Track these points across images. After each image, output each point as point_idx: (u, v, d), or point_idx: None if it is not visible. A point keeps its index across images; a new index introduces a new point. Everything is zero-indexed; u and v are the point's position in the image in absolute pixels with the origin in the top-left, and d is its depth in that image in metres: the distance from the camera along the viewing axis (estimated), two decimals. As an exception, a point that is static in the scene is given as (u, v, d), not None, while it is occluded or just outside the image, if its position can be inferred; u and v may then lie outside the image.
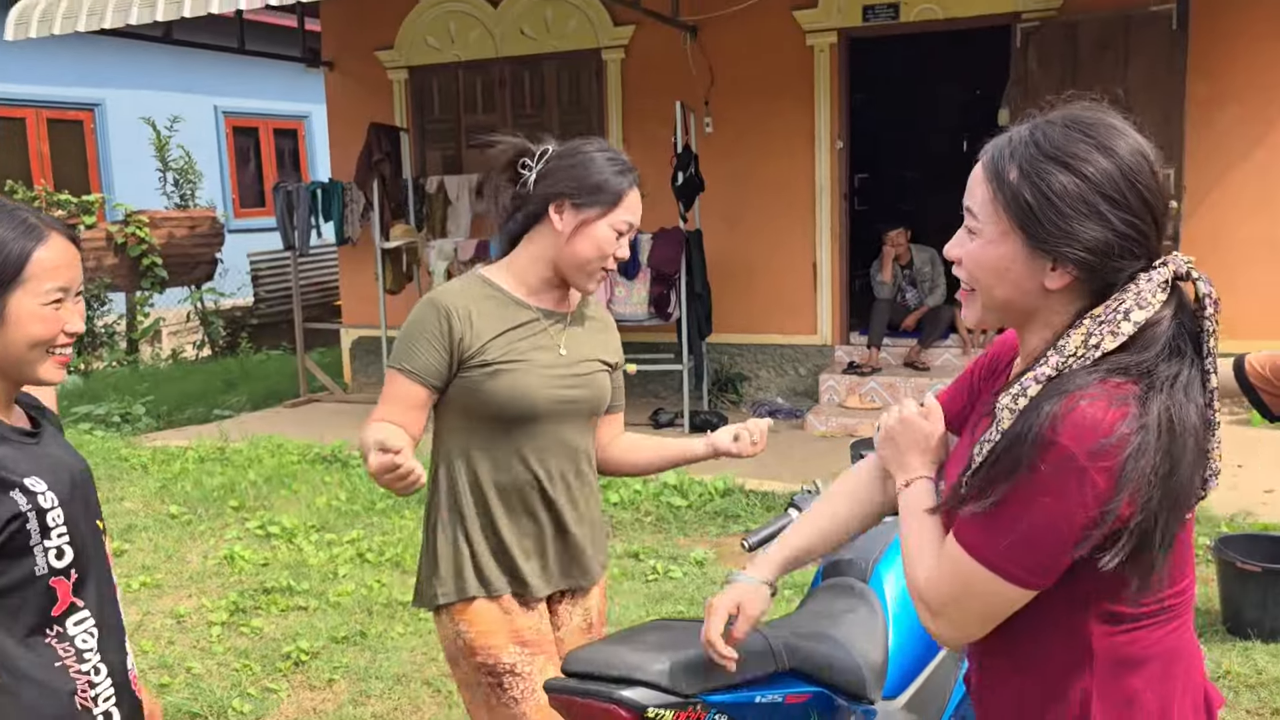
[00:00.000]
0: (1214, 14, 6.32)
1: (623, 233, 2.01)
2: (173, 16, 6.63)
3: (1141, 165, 1.22)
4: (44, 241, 1.48)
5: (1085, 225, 1.19)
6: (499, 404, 1.96)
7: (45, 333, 1.48)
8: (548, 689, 1.56)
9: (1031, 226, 1.22)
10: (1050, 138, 1.24)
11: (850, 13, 7.25)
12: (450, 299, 1.99)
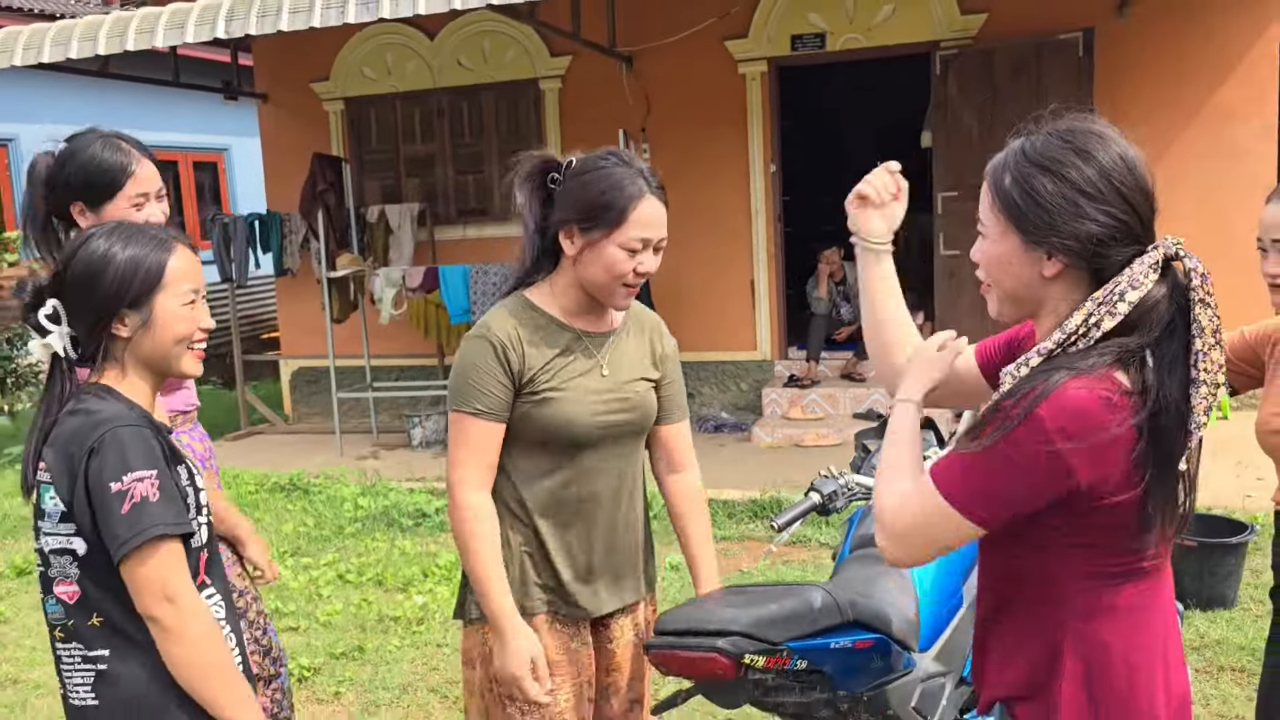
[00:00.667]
0: (1114, 43, 6.84)
1: (636, 250, 1.94)
2: (115, 50, 6.62)
3: (1118, 166, 1.38)
4: (174, 251, 1.70)
5: (1067, 219, 1.36)
6: (546, 431, 1.96)
7: (186, 330, 1.70)
8: (648, 647, 1.74)
9: (1023, 224, 1.40)
10: (1037, 147, 1.42)
11: (779, 42, 7.61)
12: (502, 331, 1.97)
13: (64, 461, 1.59)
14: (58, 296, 1.66)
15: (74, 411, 1.62)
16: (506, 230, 8.41)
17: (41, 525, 1.64)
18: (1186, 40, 6.78)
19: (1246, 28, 6.69)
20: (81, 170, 2.28)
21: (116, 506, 1.55)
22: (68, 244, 1.73)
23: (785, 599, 1.74)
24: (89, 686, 1.63)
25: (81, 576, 1.61)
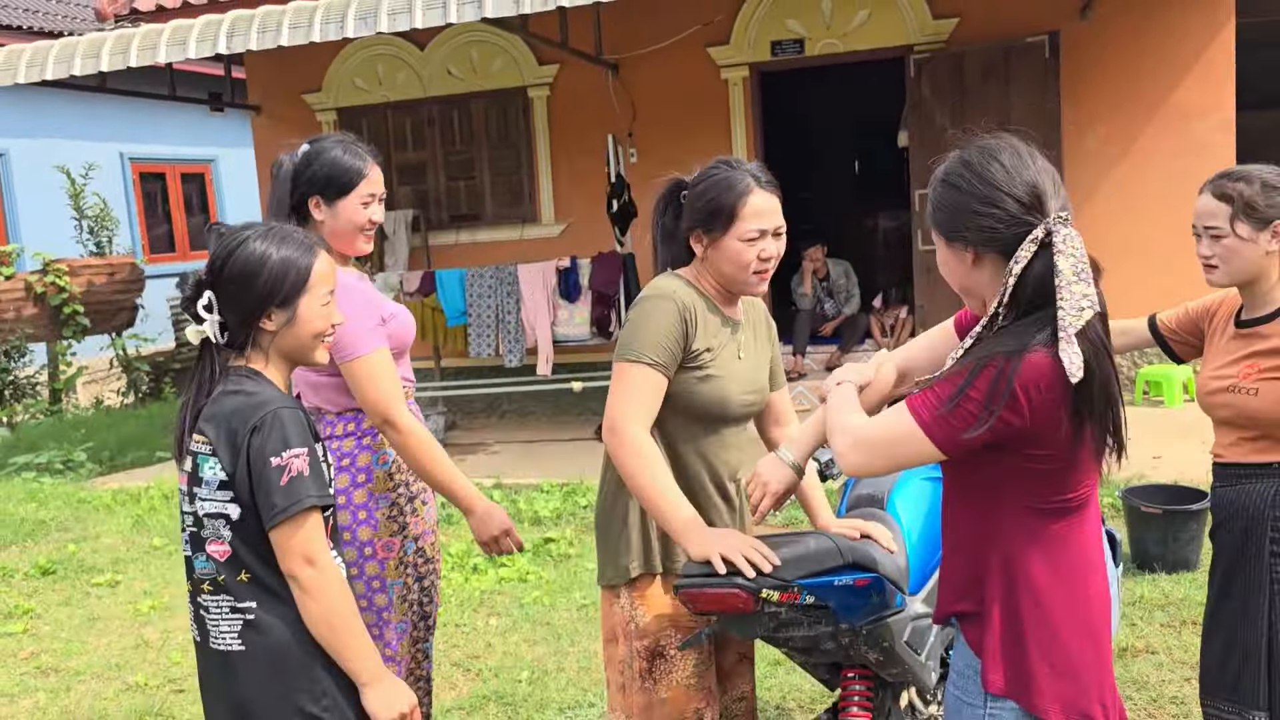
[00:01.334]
0: (1078, 44, 7.16)
1: (754, 239, 2.12)
2: (119, 67, 6.83)
3: (999, 171, 1.64)
4: (318, 256, 1.92)
5: (964, 219, 1.66)
6: (701, 406, 2.14)
7: (323, 326, 1.93)
8: (677, 588, 1.99)
9: (942, 228, 1.72)
10: (945, 168, 1.73)
11: (760, 48, 7.89)
12: (687, 298, 2.13)
13: (228, 436, 1.80)
14: (213, 289, 1.86)
15: (233, 391, 1.83)
16: (498, 234, 8.67)
17: (197, 491, 1.83)
18: (1146, 40, 7.10)
19: (1202, 27, 7.02)
20: (324, 169, 2.53)
21: (276, 478, 1.77)
22: (223, 241, 1.89)
23: (794, 544, 2.01)
24: (236, 634, 1.83)
25: (233, 538, 1.81)
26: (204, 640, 1.89)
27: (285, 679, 1.82)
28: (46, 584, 5.19)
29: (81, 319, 10.67)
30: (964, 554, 1.75)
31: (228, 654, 1.85)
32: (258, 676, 1.83)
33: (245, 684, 1.84)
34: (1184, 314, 2.50)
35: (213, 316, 1.85)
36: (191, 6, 8.35)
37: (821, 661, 2.30)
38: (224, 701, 1.88)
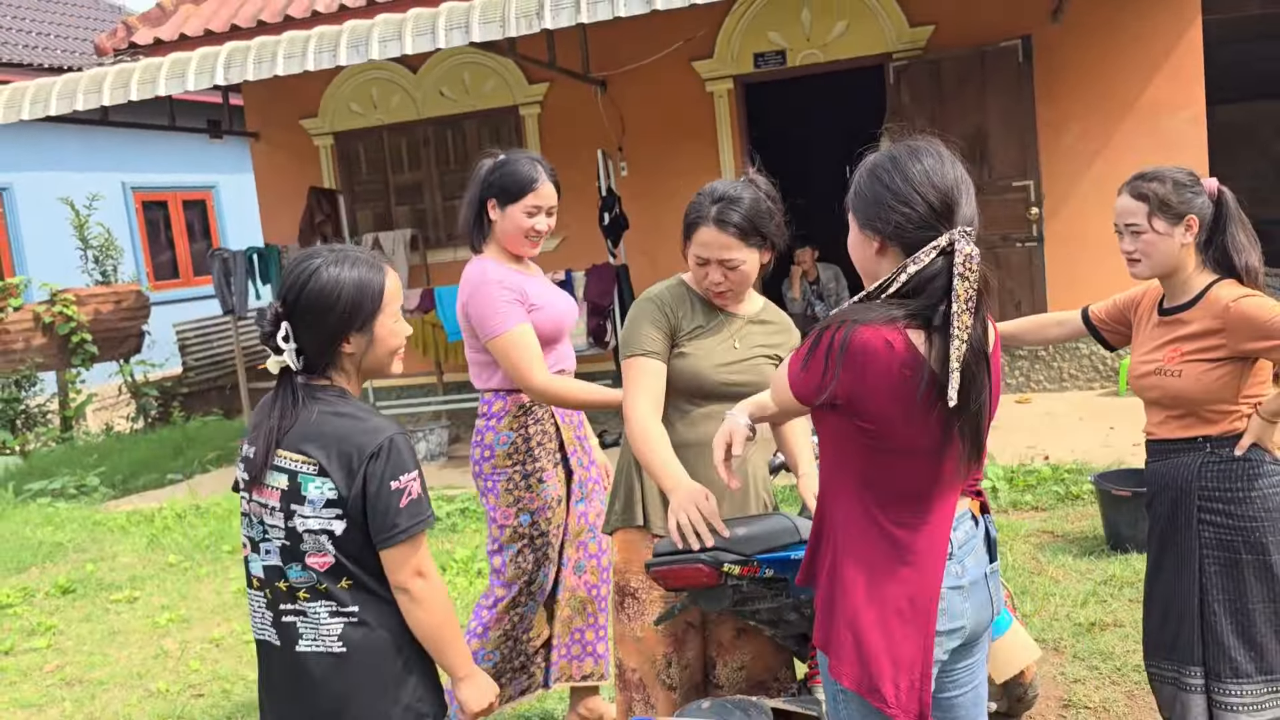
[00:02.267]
0: (1051, 47, 7.36)
1: (701, 264, 2.41)
2: (120, 100, 7.04)
3: (919, 174, 1.72)
4: (387, 275, 1.99)
5: (878, 210, 1.75)
6: (680, 381, 2.42)
7: (398, 343, 2.01)
8: (648, 566, 2.19)
9: (857, 214, 1.82)
10: (873, 159, 1.82)
11: (743, 61, 8.10)
12: (664, 295, 2.47)
13: (340, 459, 1.87)
14: (290, 319, 1.90)
15: (335, 414, 1.91)
16: (494, 250, 8.86)
17: (297, 509, 1.90)
18: (1116, 40, 7.30)
19: (1171, 26, 7.21)
20: (504, 175, 2.97)
21: (396, 501, 1.87)
22: (292, 270, 1.96)
23: (754, 523, 2.19)
24: (336, 636, 1.92)
25: (336, 550, 1.90)
26: (288, 645, 1.96)
27: (385, 675, 1.94)
28: (67, 602, 5.39)
29: (89, 347, 10.89)
30: (816, 522, 1.91)
31: (323, 657, 1.93)
32: (358, 674, 1.92)
33: (345, 682, 1.92)
34: (1113, 305, 2.70)
35: (290, 346, 1.89)
36: (189, 39, 8.58)
37: (789, 633, 2.48)
38: (311, 703, 1.95)
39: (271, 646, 2.00)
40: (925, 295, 1.69)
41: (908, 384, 1.68)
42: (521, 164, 3.01)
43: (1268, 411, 2.38)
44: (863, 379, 1.69)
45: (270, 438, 1.92)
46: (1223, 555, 2.40)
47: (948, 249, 1.69)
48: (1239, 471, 2.39)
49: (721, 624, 2.53)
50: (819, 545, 1.89)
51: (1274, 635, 2.39)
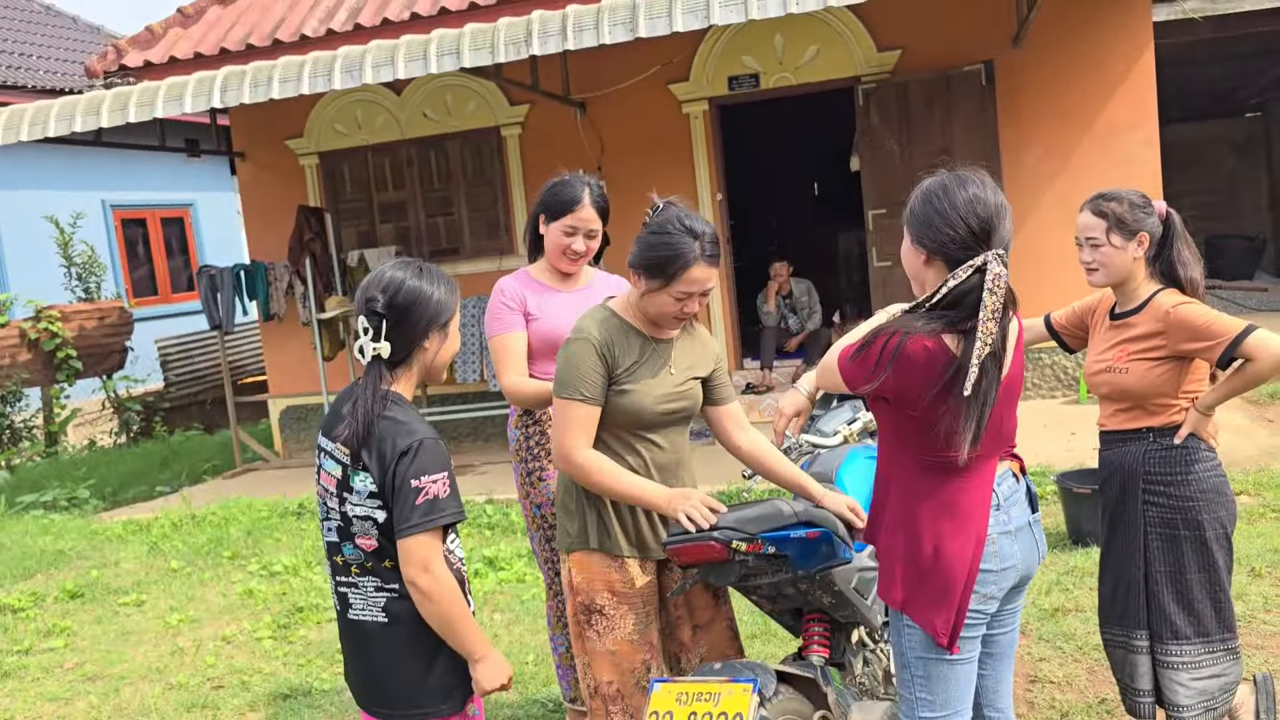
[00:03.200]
0: (1013, 71, 7.75)
1: (682, 299, 2.50)
2: (118, 123, 7.23)
3: (965, 202, 2.08)
4: (456, 291, 2.29)
5: (928, 228, 2.12)
6: (620, 416, 2.55)
7: (457, 346, 2.33)
8: (666, 544, 2.46)
9: (911, 230, 2.18)
10: (928, 184, 2.18)
11: (718, 84, 8.43)
12: (601, 336, 2.53)
13: (378, 456, 2.13)
14: (385, 317, 2.17)
15: (384, 418, 2.15)
16: (478, 266, 9.12)
17: (348, 496, 2.18)
18: (1074, 65, 7.70)
19: (1125, 51, 7.63)
20: (553, 193, 3.22)
21: (413, 498, 2.09)
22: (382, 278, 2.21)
23: (758, 507, 2.47)
24: (380, 607, 2.19)
25: (379, 535, 2.16)
26: (344, 611, 2.27)
27: (421, 646, 2.19)
28: (77, 605, 5.57)
29: (74, 363, 11.02)
30: (878, 489, 2.29)
31: (370, 624, 2.21)
32: (398, 642, 2.19)
33: (388, 647, 2.20)
34: (1072, 312, 3.02)
35: (383, 339, 2.17)
36: (179, 62, 8.78)
37: (785, 608, 2.77)
38: (364, 662, 2.25)
39: (338, 609, 2.32)
40: (962, 308, 2.04)
41: (942, 379, 2.04)
42: (571, 184, 3.21)
43: (1203, 405, 2.71)
44: (908, 379, 2.06)
45: (362, 423, 2.15)
46: (1164, 532, 2.71)
47: (981, 268, 2.03)
48: (1178, 458, 2.71)
49: (681, 624, 2.77)
50: (883, 508, 2.26)
51: (1209, 602, 2.71)
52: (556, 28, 6.30)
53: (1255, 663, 3.54)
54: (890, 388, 2.09)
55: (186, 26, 9.31)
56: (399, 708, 2.23)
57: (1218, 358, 2.63)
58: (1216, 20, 9.12)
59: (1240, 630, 3.72)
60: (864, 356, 2.11)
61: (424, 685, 2.22)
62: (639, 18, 6.08)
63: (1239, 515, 4.91)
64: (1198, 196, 12.95)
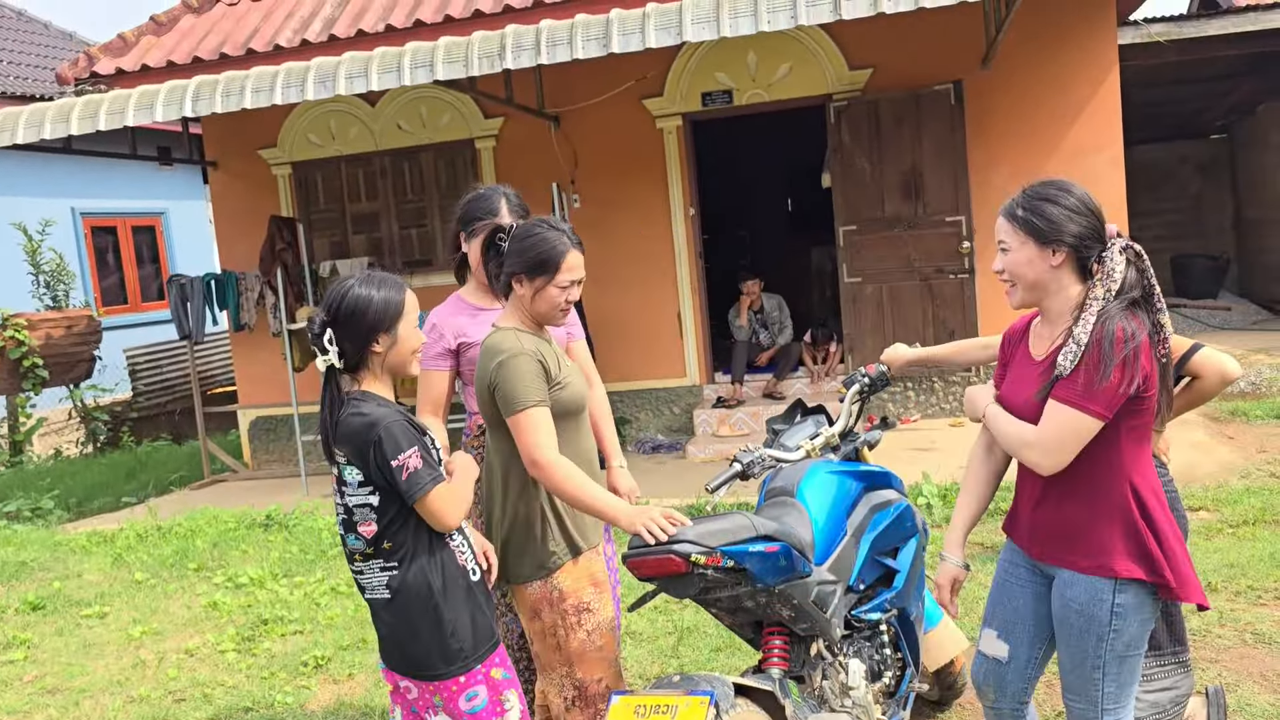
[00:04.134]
0: (981, 92, 7.86)
1: (566, 287, 2.71)
2: (88, 130, 7.19)
3: (1084, 198, 2.33)
4: (406, 290, 2.47)
5: (1064, 225, 2.29)
6: (564, 408, 2.71)
7: (416, 343, 2.50)
8: (625, 558, 2.47)
9: (1037, 234, 2.31)
10: (1035, 191, 2.36)
11: (691, 99, 8.49)
12: (529, 346, 2.67)
13: (357, 451, 2.36)
14: (332, 326, 2.38)
15: (353, 414, 2.37)
16: (449, 279, 9.02)
17: (345, 489, 2.41)
18: (1041, 86, 7.82)
19: (1091, 74, 7.75)
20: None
21: (398, 475, 2.34)
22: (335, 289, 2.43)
23: (718, 521, 2.50)
24: (384, 585, 2.43)
25: (377, 519, 2.39)
26: (363, 593, 2.50)
27: (426, 615, 2.41)
28: (38, 618, 5.51)
29: (40, 372, 10.87)
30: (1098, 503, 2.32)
31: (381, 600, 2.45)
32: (405, 613, 2.42)
33: (397, 619, 2.43)
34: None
35: (333, 349, 2.39)
36: (151, 70, 8.74)
37: (745, 621, 2.79)
38: (387, 634, 2.47)
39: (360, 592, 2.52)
40: (1128, 288, 2.27)
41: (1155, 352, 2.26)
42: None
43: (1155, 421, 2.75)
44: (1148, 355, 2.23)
45: (325, 431, 2.43)
46: (1118, 545, 2.74)
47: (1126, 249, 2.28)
48: (1132, 472, 2.74)
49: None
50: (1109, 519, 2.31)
51: (1161, 616, 2.75)
52: (530, 42, 6.33)
53: (1209, 676, 3.60)
54: (1144, 375, 2.21)
55: (159, 35, 9.27)
56: (422, 669, 2.45)
57: (1168, 375, 2.67)
58: (1181, 44, 9.30)
59: (1195, 644, 3.79)
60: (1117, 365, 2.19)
61: (430, 650, 2.43)
62: (612, 33, 6.12)
63: (1197, 530, 5.01)
64: (1164, 216, 13.15)
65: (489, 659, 2.49)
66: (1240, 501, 5.40)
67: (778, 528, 2.56)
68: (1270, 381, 8.23)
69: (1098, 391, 2.20)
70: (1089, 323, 2.24)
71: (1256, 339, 9.83)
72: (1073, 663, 2.40)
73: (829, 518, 2.87)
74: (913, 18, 6.48)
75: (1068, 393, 2.23)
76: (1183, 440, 6.56)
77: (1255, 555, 4.65)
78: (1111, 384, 2.19)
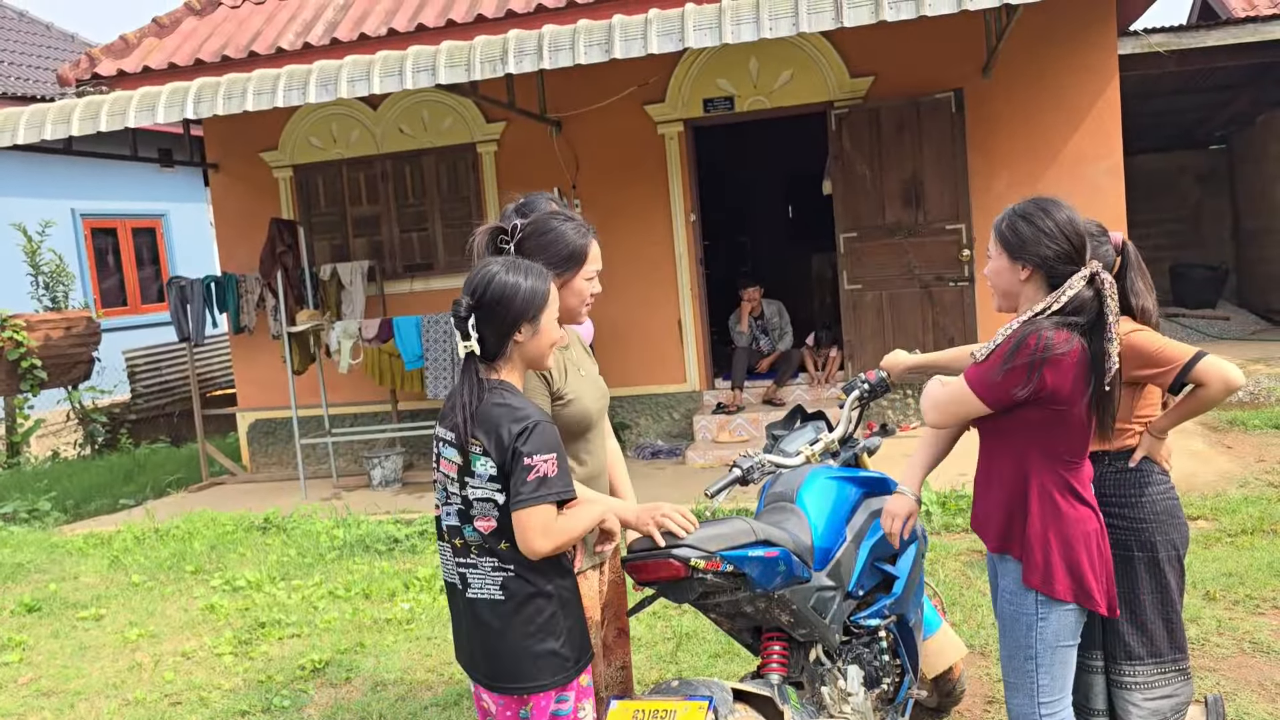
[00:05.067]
0: (982, 100, 7.87)
1: (591, 279, 2.62)
2: (88, 131, 7.18)
3: (1066, 223, 2.40)
4: (550, 280, 2.39)
5: (1031, 247, 2.41)
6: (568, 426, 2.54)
7: (557, 336, 2.41)
8: (624, 561, 2.47)
9: (1009, 248, 2.45)
10: (1023, 208, 2.45)
11: (693, 105, 8.50)
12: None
13: (497, 440, 2.24)
14: (476, 313, 2.30)
15: (499, 404, 2.28)
16: (450, 283, 9.12)
17: (469, 480, 2.28)
18: (1042, 96, 7.83)
19: (1091, 83, 7.76)
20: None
21: (525, 474, 2.21)
22: (479, 274, 2.34)
23: (717, 525, 2.49)
24: (498, 585, 2.30)
25: (499, 516, 2.27)
26: (463, 589, 2.36)
27: (536, 621, 2.29)
28: (34, 619, 5.49)
29: (39, 373, 10.86)
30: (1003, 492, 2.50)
31: (490, 601, 2.31)
32: (513, 618, 2.29)
33: (503, 622, 2.29)
34: None
35: (474, 335, 2.30)
36: (152, 72, 8.75)
37: (745, 626, 2.78)
38: (481, 638, 2.33)
39: (455, 588, 2.40)
40: (1085, 313, 2.38)
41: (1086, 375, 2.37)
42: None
43: (1156, 429, 2.76)
44: (1062, 378, 2.33)
45: (465, 414, 2.29)
46: (1119, 553, 2.74)
47: (1092, 277, 2.38)
48: (1132, 480, 2.75)
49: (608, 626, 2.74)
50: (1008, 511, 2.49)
51: (1162, 623, 2.75)
52: (533, 47, 6.34)
53: (1207, 684, 3.59)
54: (1046, 387, 2.33)
55: (161, 37, 9.28)
56: (513, 680, 2.32)
57: (1170, 383, 2.67)
58: (1181, 55, 9.32)
59: (1193, 652, 3.78)
60: (1013, 367, 2.33)
61: (538, 659, 2.31)
62: (614, 39, 6.13)
63: (1195, 539, 5.01)
64: (1164, 225, 13.16)
65: (587, 668, 2.40)
66: (1239, 510, 5.40)
67: (777, 533, 2.56)
68: (1269, 391, 8.24)
69: (989, 381, 2.38)
70: (1013, 325, 2.41)
71: (1255, 349, 9.84)
72: (1009, 653, 2.56)
73: (828, 523, 2.86)
74: (914, 26, 6.49)
75: (970, 371, 2.45)
76: (1181, 449, 6.55)
77: (1253, 564, 4.65)
78: (1002, 381, 2.36)
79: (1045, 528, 2.44)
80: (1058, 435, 2.41)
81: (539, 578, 2.30)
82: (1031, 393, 2.33)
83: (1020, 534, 2.47)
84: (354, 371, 8.50)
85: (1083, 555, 2.44)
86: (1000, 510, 2.51)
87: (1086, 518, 2.46)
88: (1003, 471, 2.50)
